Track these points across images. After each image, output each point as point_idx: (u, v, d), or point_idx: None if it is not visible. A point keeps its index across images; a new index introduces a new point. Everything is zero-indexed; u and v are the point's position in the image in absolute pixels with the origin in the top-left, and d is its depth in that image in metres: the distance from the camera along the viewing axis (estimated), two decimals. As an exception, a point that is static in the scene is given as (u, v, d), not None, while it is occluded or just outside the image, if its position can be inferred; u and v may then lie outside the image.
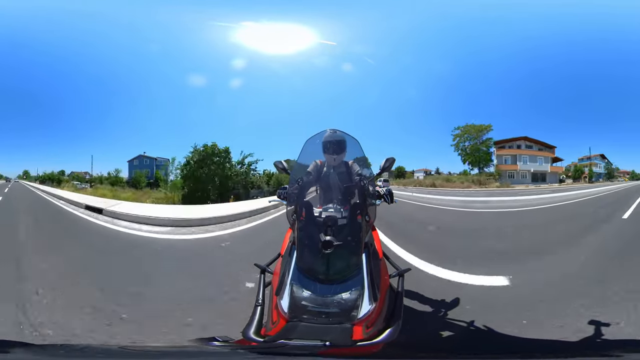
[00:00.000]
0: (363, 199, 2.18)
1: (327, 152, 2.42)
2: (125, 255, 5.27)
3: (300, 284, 1.90)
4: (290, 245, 2.16)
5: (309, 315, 1.81)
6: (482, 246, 5.44)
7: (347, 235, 1.95)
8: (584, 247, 5.02)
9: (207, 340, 1.95)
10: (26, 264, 4.35)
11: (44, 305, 3.02)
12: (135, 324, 2.69)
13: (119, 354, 1.87)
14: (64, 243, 6.02)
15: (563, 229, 6.97)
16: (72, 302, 3.10)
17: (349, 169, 2.46)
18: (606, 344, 2.29)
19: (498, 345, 2.40)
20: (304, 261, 1.96)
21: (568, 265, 4.13)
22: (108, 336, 2.47)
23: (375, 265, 2.04)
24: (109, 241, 6.24)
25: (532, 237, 6.18)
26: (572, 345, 2.30)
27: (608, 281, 3.45)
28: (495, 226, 7.72)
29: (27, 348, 1.72)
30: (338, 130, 2.41)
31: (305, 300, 1.85)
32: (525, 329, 2.52)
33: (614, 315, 2.63)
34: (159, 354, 1.92)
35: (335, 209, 2.18)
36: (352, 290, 1.86)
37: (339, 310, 1.81)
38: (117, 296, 3.24)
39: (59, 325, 2.62)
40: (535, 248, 5.08)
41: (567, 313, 2.72)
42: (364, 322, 1.78)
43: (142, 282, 3.74)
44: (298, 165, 2.38)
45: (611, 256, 4.58)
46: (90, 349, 2.00)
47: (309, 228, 2.00)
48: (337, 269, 1.91)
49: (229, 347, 1.85)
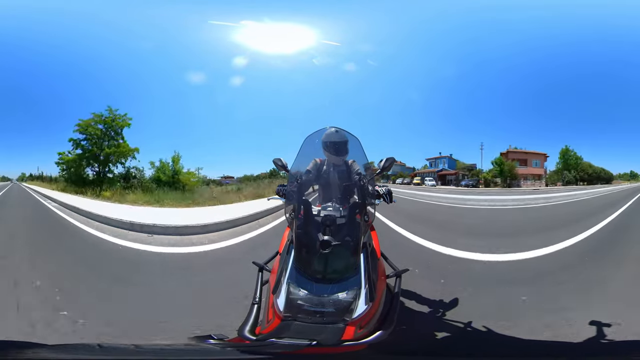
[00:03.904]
0: (362, 198, 2.16)
1: (328, 150, 2.40)
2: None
3: (297, 283, 1.89)
4: (288, 244, 2.14)
5: (304, 314, 1.80)
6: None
7: (345, 234, 1.94)
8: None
9: (203, 339, 1.94)
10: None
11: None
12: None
13: (117, 352, 1.87)
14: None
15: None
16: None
17: (348, 167, 2.44)
18: (606, 345, 2.27)
19: (495, 347, 2.39)
20: (301, 260, 1.95)
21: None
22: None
23: (373, 266, 2.03)
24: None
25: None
26: (571, 346, 2.29)
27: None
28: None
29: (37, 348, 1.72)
30: (340, 129, 2.36)
31: (301, 299, 1.84)
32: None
33: (614, 315, 2.61)
34: (156, 352, 1.92)
35: (334, 207, 2.17)
36: (349, 291, 1.85)
37: (334, 310, 1.81)
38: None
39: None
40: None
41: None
42: (357, 323, 1.78)
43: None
44: (297, 162, 2.36)
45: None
46: (86, 346, 2.00)
47: (308, 227, 1.98)
48: (334, 268, 1.90)
49: (221, 346, 1.85)
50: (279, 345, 1.66)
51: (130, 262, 4.71)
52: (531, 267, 4.21)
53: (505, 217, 9.30)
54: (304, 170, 2.40)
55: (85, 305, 3.02)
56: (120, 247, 5.35)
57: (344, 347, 1.70)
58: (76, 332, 2.53)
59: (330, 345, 1.68)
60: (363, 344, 1.70)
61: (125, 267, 4.47)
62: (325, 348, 1.67)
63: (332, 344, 1.68)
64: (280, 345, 1.66)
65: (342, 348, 1.70)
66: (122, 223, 6.71)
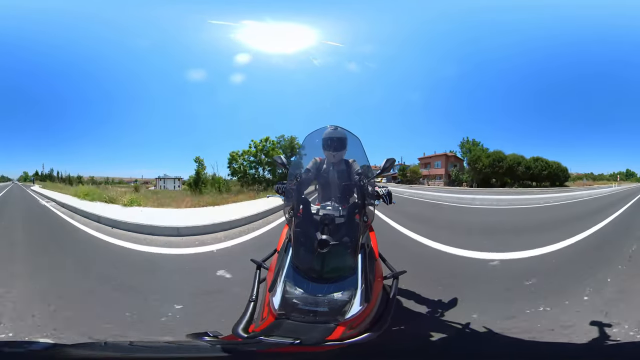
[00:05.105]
0: (362, 198, 2.15)
1: (327, 148, 2.39)
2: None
3: (293, 281, 1.89)
4: (287, 242, 2.14)
5: (298, 313, 1.80)
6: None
7: (344, 234, 1.94)
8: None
9: (199, 336, 1.94)
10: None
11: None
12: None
13: (118, 348, 1.87)
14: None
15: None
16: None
17: (349, 167, 2.43)
18: (605, 346, 2.26)
19: (492, 348, 2.36)
20: (298, 259, 1.95)
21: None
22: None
23: (370, 267, 2.01)
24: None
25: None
26: (570, 346, 2.27)
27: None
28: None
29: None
30: (339, 127, 2.36)
31: (297, 298, 1.84)
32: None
33: (614, 316, 2.59)
34: (152, 348, 1.92)
35: (334, 207, 2.16)
36: (345, 291, 1.85)
37: (327, 310, 1.81)
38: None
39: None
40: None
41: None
42: (349, 323, 1.77)
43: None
44: (297, 160, 2.36)
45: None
46: (85, 345, 2.01)
47: (306, 226, 1.98)
48: (331, 268, 1.89)
49: (212, 343, 1.85)
50: (264, 343, 1.67)
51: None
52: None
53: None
54: (304, 169, 2.39)
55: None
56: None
57: (324, 347, 1.69)
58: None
59: (313, 344, 1.67)
60: (344, 344, 1.69)
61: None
62: (306, 347, 1.67)
63: (314, 343, 1.67)
64: (265, 343, 1.67)
65: (322, 347, 1.69)
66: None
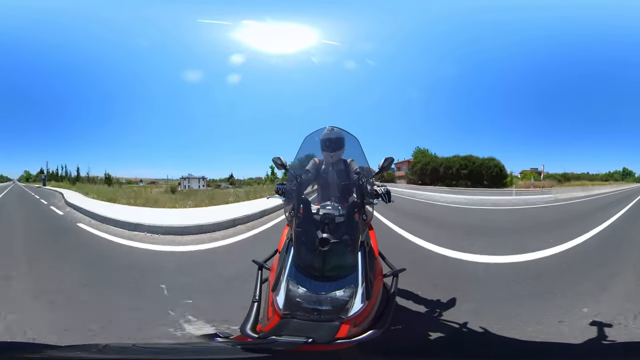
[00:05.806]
0: (361, 197, 2.18)
1: (326, 149, 2.43)
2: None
3: (296, 280, 1.91)
4: (288, 242, 2.16)
5: (302, 312, 1.82)
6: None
7: (343, 233, 1.96)
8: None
9: (210, 337, 1.97)
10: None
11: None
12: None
13: (127, 351, 1.89)
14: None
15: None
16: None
17: (347, 167, 2.46)
18: (604, 346, 2.27)
19: (491, 348, 2.37)
20: (300, 258, 1.97)
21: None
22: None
23: (370, 265, 2.04)
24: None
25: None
26: (570, 347, 2.28)
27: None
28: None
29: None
30: (337, 128, 2.41)
31: (300, 297, 1.86)
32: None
33: (615, 316, 2.60)
34: (162, 350, 1.94)
35: (333, 206, 2.18)
36: (346, 289, 1.87)
37: (330, 308, 1.83)
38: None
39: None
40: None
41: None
42: (352, 321, 1.80)
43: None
44: (297, 161, 2.39)
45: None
46: (92, 346, 2.02)
47: (306, 225, 2.00)
48: (332, 266, 1.92)
49: (227, 344, 1.87)
50: (279, 342, 1.70)
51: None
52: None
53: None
54: (304, 170, 2.41)
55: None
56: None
57: (335, 345, 1.73)
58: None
59: (324, 342, 1.71)
60: (354, 342, 1.73)
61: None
62: (319, 345, 1.70)
63: (326, 341, 1.71)
64: (280, 342, 1.70)
65: (334, 346, 1.73)
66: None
